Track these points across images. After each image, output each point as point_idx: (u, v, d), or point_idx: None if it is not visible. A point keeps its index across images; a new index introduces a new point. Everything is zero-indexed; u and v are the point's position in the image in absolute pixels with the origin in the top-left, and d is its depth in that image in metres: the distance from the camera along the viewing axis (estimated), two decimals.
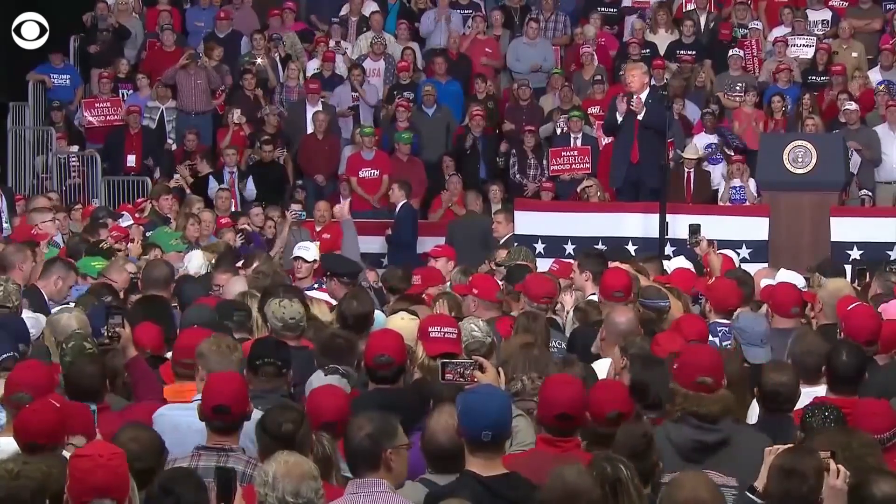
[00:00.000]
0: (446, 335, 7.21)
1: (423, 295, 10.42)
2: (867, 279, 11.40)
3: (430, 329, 7.26)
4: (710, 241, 12.07)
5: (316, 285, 12.18)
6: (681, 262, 11.99)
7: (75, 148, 19.65)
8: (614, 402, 6.30)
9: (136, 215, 15.24)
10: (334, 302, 10.09)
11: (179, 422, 6.63)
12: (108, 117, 19.83)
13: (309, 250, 12.50)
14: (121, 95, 20.33)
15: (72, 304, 9.31)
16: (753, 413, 7.12)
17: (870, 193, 17.67)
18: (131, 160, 19.37)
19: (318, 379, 7.13)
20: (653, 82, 18.24)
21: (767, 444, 6.07)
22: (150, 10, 21.73)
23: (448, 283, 11.05)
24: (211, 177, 18.65)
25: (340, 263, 11.51)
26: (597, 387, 6.61)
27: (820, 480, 5.44)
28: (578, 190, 17.70)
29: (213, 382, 6.38)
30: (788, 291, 9.02)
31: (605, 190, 17.54)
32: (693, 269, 11.52)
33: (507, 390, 6.64)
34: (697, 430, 6.21)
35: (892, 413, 6.31)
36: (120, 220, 14.52)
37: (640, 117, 15.48)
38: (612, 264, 10.34)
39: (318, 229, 17.05)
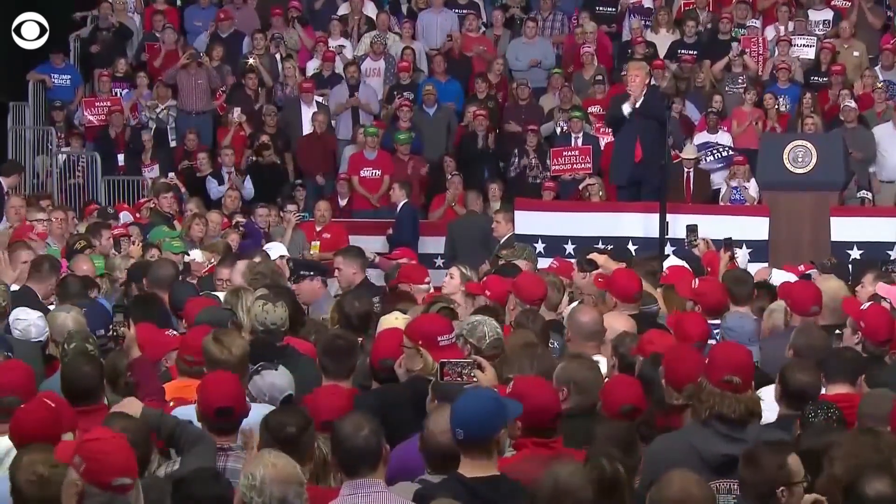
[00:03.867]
0: (452, 340, 7.19)
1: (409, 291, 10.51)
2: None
3: (438, 338, 7.15)
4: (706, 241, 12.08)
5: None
6: (674, 261, 11.99)
7: (83, 148, 19.66)
8: (629, 397, 6.40)
9: (137, 215, 15.25)
10: None
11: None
12: (108, 116, 19.83)
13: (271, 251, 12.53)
14: (116, 94, 20.35)
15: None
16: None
17: (869, 195, 17.68)
18: (120, 159, 19.41)
19: (261, 381, 7.01)
20: (652, 81, 18.31)
21: None
22: (147, 9, 21.75)
23: (425, 286, 11.11)
24: (210, 177, 18.65)
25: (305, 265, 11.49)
26: (612, 381, 6.70)
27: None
28: (580, 188, 17.70)
29: (212, 384, 6.39)
30: (807, 289, 8.98)
31: (606, 188, 17.53)
32: (688, 268, 11.50)
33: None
34: (725, 440, 6.13)
35: None
36: (118, 218, 14.57)
37: (637, 105, 15.49)
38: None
39: (318, 229, 17.05)
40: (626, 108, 15.58)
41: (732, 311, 8.51)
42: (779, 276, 10.88)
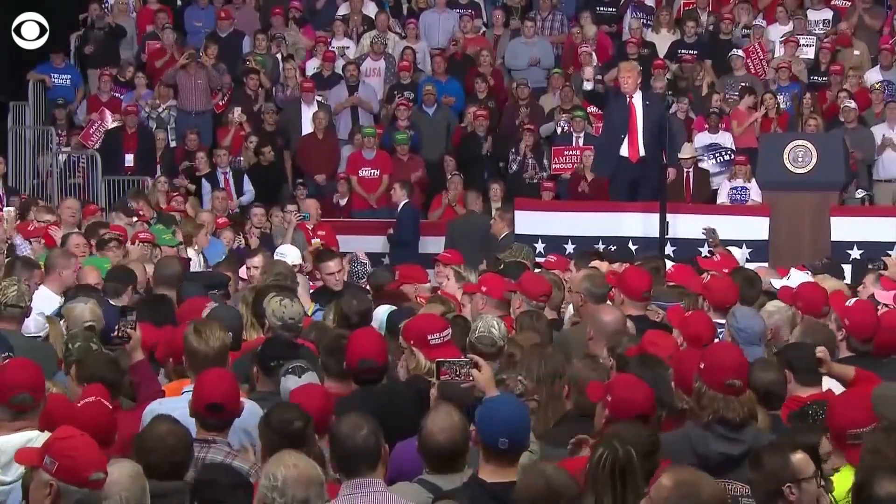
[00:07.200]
0: (444, 339, 7.16)
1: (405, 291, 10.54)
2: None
3: (429, 337, 7.15)
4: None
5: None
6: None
7: (84, 148, 19.61)
8: (640, 404, 6.28)
9: (141, 213, 15.20)
10: None
11: (175, 415, 6.64)
12: (123, 116, 19.72)
13: (286, 257, 12.50)
14: (115, 95, 20.34)
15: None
16: None
17: (870, 193, 17.70)
18: (129, 160, 19.34)
19: (293, 382, 7.00)
20: (651, 82, 18.33)
21: None
22: (142, 9, 21.75)
23: (429, 285, 11.13)
24: (204, 180, 18.60)
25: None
26: (619, 381, 6.61)
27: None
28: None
29: (206, 380, 6.39)
30: (817, 290, 8.99)
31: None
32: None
33: (510, 391, 6.64)
34: (724, 440, 6.15)
35: (870, 408, 6.30)
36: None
37: (586, 86, 15.68)
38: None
39: (310, 227, 16.92)
40: (587, 85, 15.72)
41: (741, 309, 8.45)
42: (797, 277, 10.74)
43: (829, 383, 7.41)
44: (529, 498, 5.21)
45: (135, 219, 13.95)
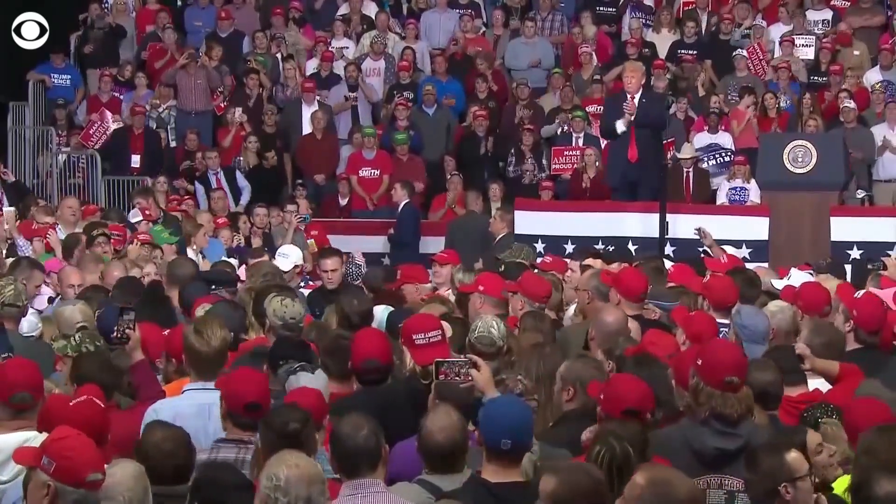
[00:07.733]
0: (431, 340, 7.12)
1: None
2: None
3: (414, 337, 7.14)
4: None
5: (302, 283, 12.26)
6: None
7: (87, 149, 19.60)
8: (633, 399, 6.29)
9: (147, 213, 15.24)
10: None
11: (178, 412, 6.67)
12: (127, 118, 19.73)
13: (288, 258, 12.52)
14: (119, 96, 20.34)
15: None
16: None
17: (870, 193, 17.71)
18: (135, 160, 19.33)
19: (306, 379, 7.04)
20: (652, 82, 18.34)
21: None
22: (142, 9, 21.76)
23: (431, 284, 11.15)
24: (197, 182, 18.58)
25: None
26: (615, 380, 6.63)
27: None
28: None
29: (240, 380, 6.40)
30: (818, 290, 9.01)
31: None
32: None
33: (509, 391, 6.64)
34: (719, 435, 6.14)
35: (888, 409, 6.31)
36: (130, 216, 14.57)
37: (632, 119, 15.55)
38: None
39: (301, 228, 16.90)
40: (620, 126, 15.60)
41: (746, 308, 8.45)
42: (798, 277, 10.78)
43: (815, 382, 7.44)
44: (580, 495, 5.15)
45: (139, 217, 13.98)
